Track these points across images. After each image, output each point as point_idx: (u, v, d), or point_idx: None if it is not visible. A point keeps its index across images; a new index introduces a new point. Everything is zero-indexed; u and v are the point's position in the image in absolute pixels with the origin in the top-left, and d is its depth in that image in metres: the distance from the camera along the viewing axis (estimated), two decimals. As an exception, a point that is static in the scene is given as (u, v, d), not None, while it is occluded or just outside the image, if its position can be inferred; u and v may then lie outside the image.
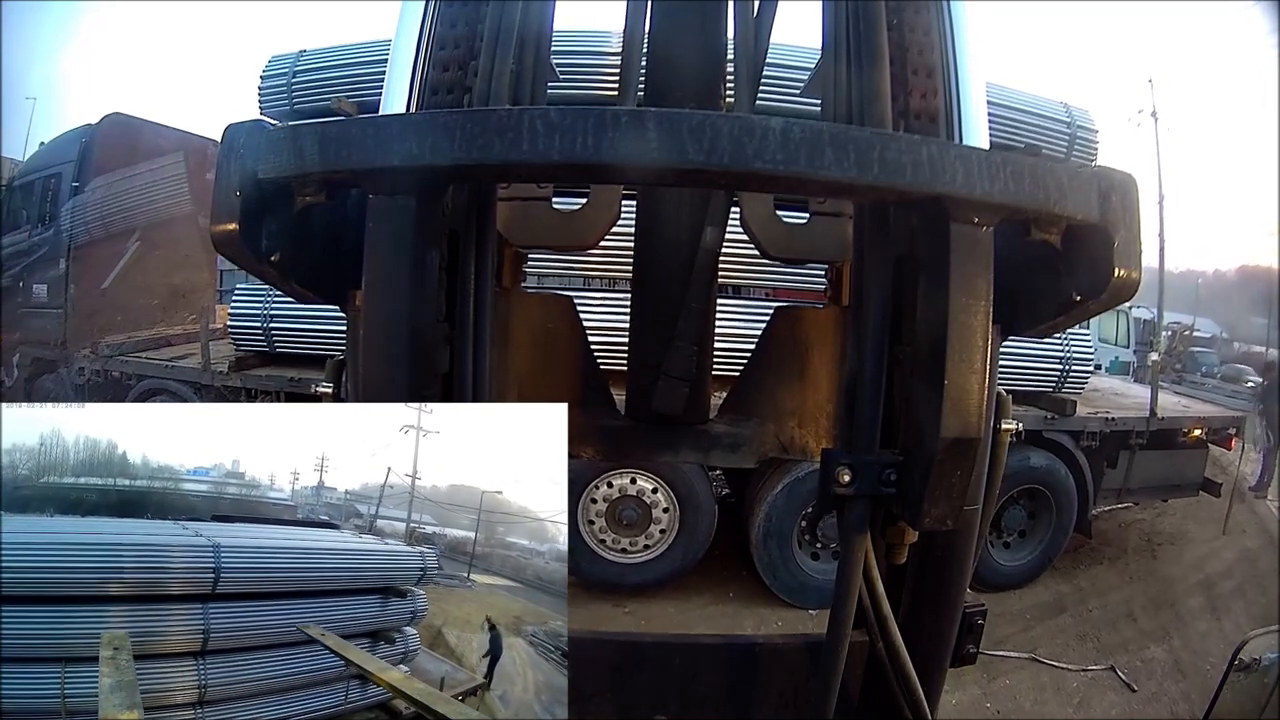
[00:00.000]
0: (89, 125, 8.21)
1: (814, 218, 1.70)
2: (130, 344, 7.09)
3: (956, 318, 1.06)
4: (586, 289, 5.33)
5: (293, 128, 1.07)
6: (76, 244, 7.80)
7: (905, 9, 1.32)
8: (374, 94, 6.23)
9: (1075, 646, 5.00)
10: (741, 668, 1.45)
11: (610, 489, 5.12)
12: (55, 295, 7.81)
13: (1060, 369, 5.78)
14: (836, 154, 0.98)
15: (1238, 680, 1.70)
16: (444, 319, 1.24)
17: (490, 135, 0.98)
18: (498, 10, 1.35)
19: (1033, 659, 4.76)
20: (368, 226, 1.08)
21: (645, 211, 1.67)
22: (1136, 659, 4.83)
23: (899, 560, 1.26)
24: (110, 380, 6.60)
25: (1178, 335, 15.27)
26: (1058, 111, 6.29)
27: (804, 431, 1.64)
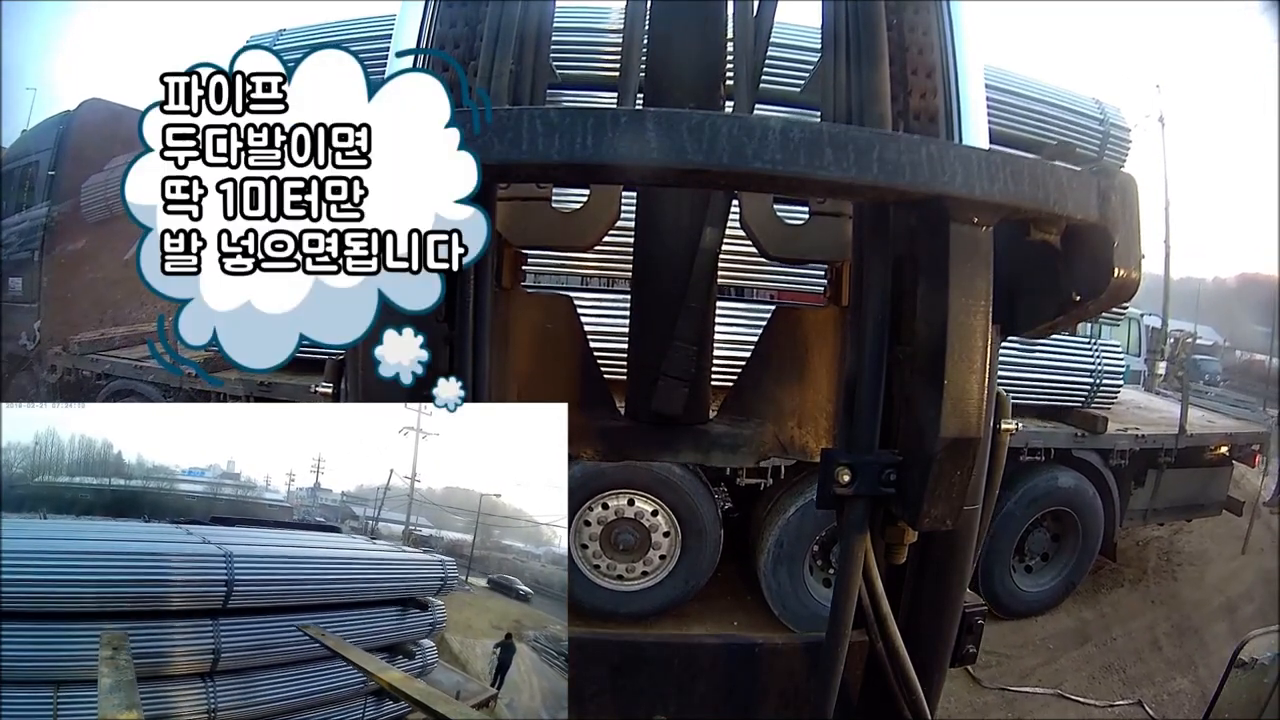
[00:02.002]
0: (67, 112, 7.91)
1: (813, 218, 1.70)
2: (104, 341, 6.54)
3: (956, 318, 1.06)
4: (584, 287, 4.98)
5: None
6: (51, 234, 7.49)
7: (905, 9, 1.32)
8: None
9: (1101, 679, 4.76)
10: (741, 668, 1.45)
11: (606, 510, 4.63)
12: (30, 289, 7.44)
13: (1090, 382, 5.41)
14: (836, 154, 0.98)
15: (1238, 680, 1.70)
16: (444, 319, 1.24)
17: (490, 135, 0.98)
18: (497, 10, 1.35)
19: (1059, 695, 4.57)
20: None
21: (645, 211, 1.67)
22: (1164, 692, 4.65)
23: (899, 560, 1.26)
24: (81, 380, 6.15)
25: (1180, 343, 15.31)
26: (1090, 108, 5.80)
27: (804, 431, 1.64)
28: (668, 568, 4.79)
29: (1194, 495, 5.89)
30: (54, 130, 7.87)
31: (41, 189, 7.64)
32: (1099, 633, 5.33)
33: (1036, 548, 5.39)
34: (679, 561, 4.76)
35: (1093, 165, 1.16)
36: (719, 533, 4.77)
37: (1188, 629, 5.39)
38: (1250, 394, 12.69)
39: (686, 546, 4.74)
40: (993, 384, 1.22)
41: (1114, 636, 5.30)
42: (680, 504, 4.66)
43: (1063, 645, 5.16)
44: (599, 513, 4.66)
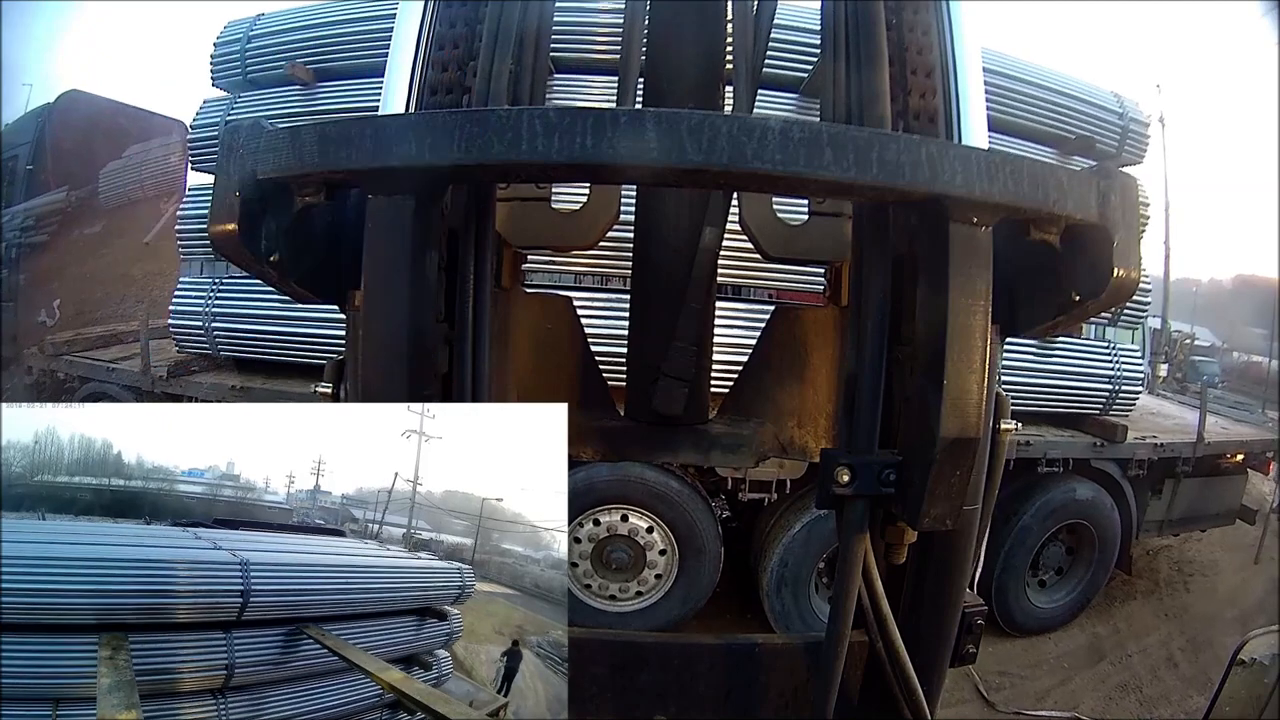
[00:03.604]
0: (47, 105, 7.88)
1: (813, 218, 1.70)
2: (80, 341, 6.36)
3: (956, 318, 1.06)
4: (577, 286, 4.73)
5: (292, 127, 1.07)
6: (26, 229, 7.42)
7: (905, 9, 1.32)
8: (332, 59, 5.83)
9: (1118, 700, 4.64)
10: (741, 668, 1.45)
11: (597, 527, 4.27)
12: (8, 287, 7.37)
13: (1109, 389, 5.14)
14: (835, 154, 0.98)
15: (1237, 679, 1.70)
16: (443, 319, 1.24)
17: (489, 136, 0.98)
18: (497, 10, 1.35)
19: (1075, 717, 4.43)
20: (367, 227, 1.08)
21: (644, 211, 1.67)
22: (1180, 710, 4.54)
23: (898, 560, 1.26)
24: (56, 382, 5.95)
25: (1179, 344, 15.27)
26: (1109, 101, 5.57)
27: (803, 432, 1.64)
28: (664, 587, 4.45)
29: (1209, 505, 5.71)
30: (34, 123, 7.84)
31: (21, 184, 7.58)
32: (1113, 649, 5.18)
33: (1051, 562, 5.19)
34: (676, 580, 4.43)
35: (1094, 165, 1.15)
36: (719, 550, 4.45)
37: (1202, 643, 5.25)
38: (1249, 396, 12.63)
39: (684, 565, 4.41)
40: (993, 384, 1.21)
41: (1129, 653, 5.15)
42: (678, 520, 4.33)
43: (1077, 664, 5.01)
44: (589, 529, 4.30)
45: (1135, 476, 5.14)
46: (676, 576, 4.41)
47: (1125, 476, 5.12)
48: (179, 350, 5.40)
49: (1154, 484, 5.31)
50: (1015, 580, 4.91)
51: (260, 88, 5.26)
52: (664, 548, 4.39)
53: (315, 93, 5.01)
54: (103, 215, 7.81)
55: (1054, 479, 4.87)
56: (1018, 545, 4.83)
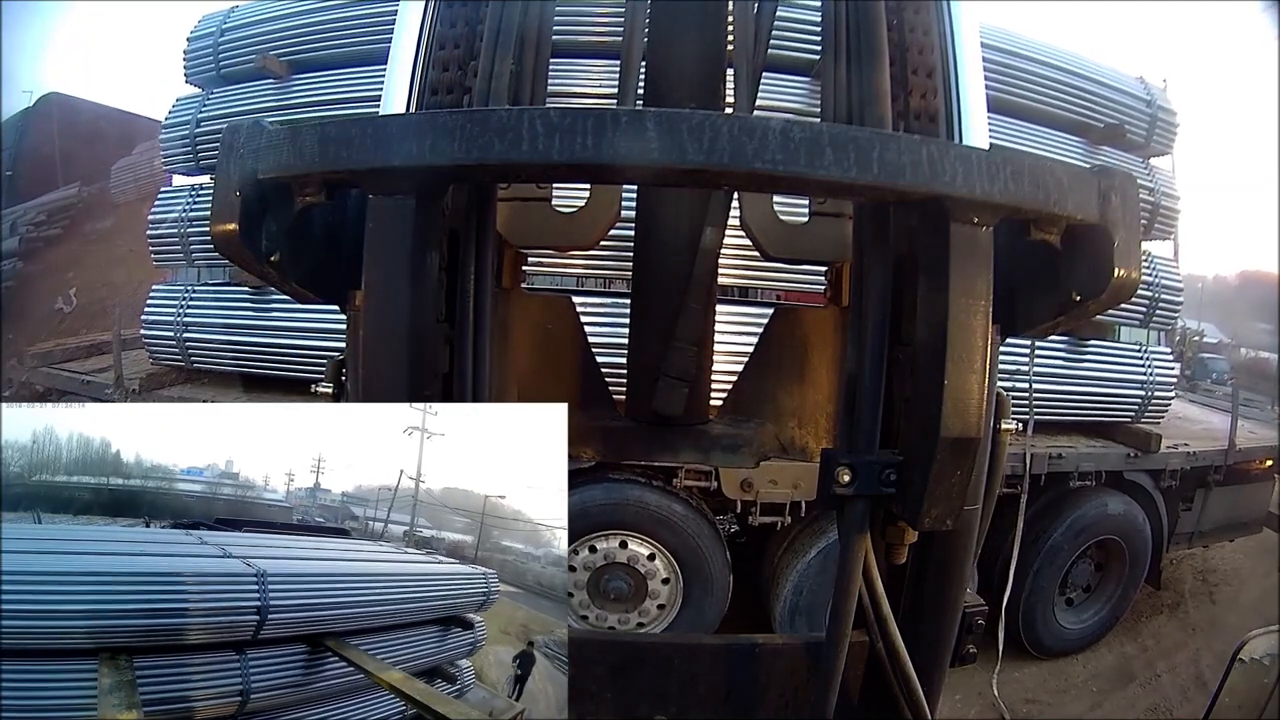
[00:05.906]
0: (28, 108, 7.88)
1: (814, 218, 1.70)
2: (59, 352, 6.14)
3: (956, 318, 1.06)
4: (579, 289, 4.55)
5: (293, 128, 1.07)
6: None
7: (905, 9, 1.32)
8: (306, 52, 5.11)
9: None
10: (741, 668, 1.45)
11: (593, 554, 3.84)
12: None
13: (1142, 395, 4.82)
14: (836, 154, 0.98)
15: (1237, 679, 1.70)
16: (444, 319, 1.24)
17: (490, 136, 0.98)
18: (497, 10, 1.35)
19: None
20: (368, 227, 1.08)
21: (645, 212, 1.67)
22: None
23: (899, 560, 1.26)
24: (34, 395, 5.61)
25: (1188, 340, 15.20)
26: (1135, 88, 5.28)
27: (804, 432, 1.64)
28: (667, 618, 4.01)
29: (1238, 514, 5.44)
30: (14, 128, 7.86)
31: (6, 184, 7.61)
32: (1143, 669, 4.90)
33: (1080, 580, 4.85)
34: (680, 612, 4.00)
35: (1095, 165, 1.15)
36: (728, 579, 4.03)
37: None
38: (1257, 393, 12.55)
39: (689, 595, 3.98)
40: (993, 384, 1.22)
41: (1158, 673, 4.88)
42: (682, 546, 3.93)
43: (1106, 686, 4.76)
44: (585, 556, 3.88)
45: (1167, 488, 4.86)
46: (681, 607, 4.00)
47: (1158, 488, 4.81)
48: (153, 362, 5.13)
49: (1185, 494, 5.04)
50: (1044, 602, 4.63)
51: (233, 83, 5.10)
52: (667, 576, 3.98)
53: (289, 85, 4.85)
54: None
55: (1085, 493, 4.59)
56: (1046, 565, 4.55)
